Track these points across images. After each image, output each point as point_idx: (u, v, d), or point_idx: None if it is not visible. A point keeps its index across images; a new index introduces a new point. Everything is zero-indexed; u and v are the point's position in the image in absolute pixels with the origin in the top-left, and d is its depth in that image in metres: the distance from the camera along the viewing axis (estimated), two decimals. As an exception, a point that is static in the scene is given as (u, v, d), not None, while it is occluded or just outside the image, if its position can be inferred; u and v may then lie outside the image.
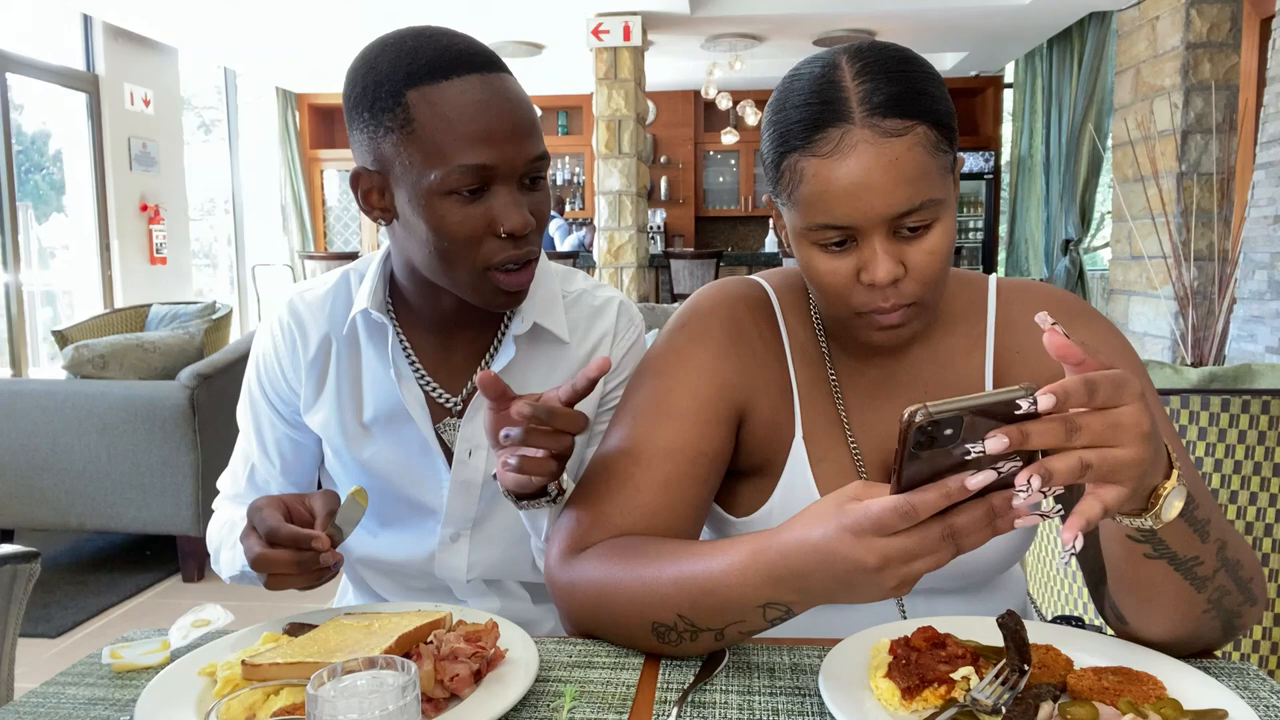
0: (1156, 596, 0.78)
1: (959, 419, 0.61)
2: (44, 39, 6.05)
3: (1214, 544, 0.76)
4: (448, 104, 0.91)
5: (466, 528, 1.11)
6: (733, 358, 0.98)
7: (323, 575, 0.86)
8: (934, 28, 6.89)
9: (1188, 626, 0.80)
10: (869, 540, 0.66)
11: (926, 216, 0.83)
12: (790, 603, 0.75)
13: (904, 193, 0.81)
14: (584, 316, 1.12)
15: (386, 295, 1.09)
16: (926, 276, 0.85)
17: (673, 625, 0.81)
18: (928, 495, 0.64)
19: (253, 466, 1.16)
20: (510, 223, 0.93)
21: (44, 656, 2.67)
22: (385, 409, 1.08)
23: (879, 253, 0.83)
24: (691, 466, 0.94)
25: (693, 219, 9.86)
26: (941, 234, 0.85)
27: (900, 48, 0.87)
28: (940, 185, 0.84)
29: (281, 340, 1.11)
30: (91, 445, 3.20)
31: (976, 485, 0.63)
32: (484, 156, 0.91)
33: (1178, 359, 3.85)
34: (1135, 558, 0.75)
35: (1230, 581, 0.78)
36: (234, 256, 8.37)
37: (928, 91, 0.84)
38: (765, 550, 0.74)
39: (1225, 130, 4.94)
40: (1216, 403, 1.64)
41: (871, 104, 0.81)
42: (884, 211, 0.82)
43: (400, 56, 0.93)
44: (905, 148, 0.81)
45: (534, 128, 0.96)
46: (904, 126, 0.81)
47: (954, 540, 0.65)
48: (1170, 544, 0.73)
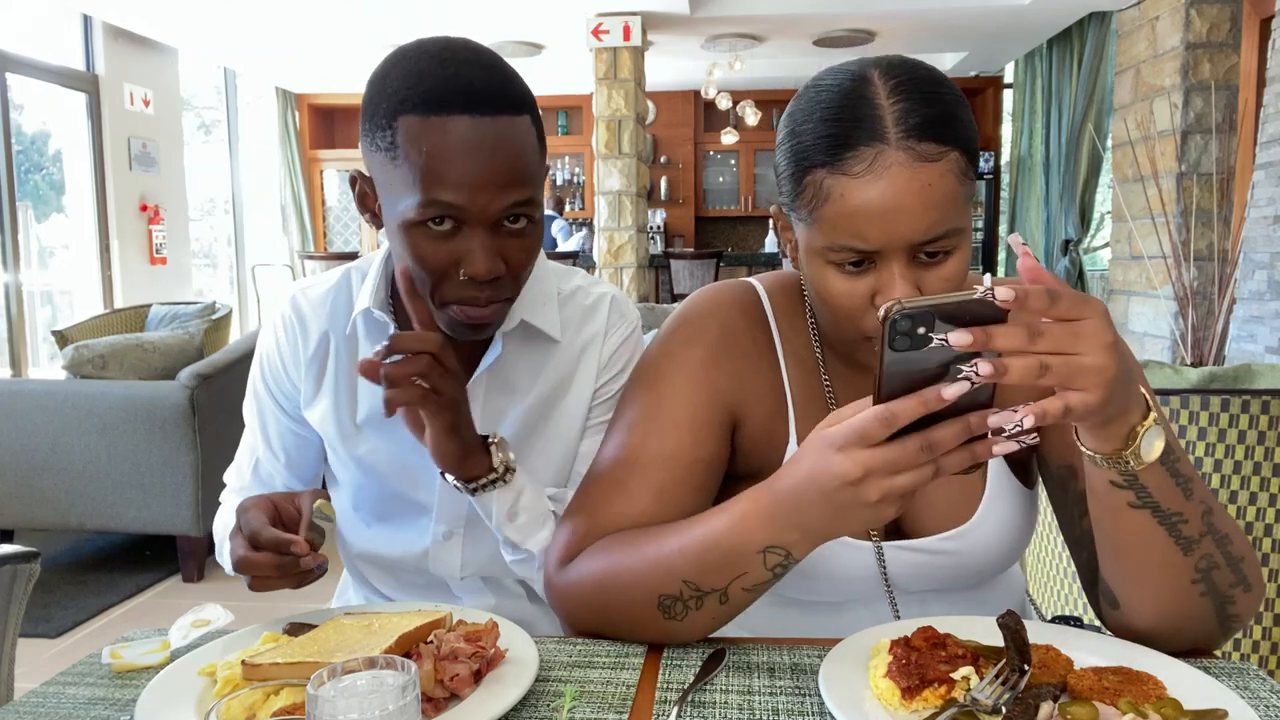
0: (1144, 560, 0.79)
1: (930, 315, 0.64)
2: (44, 39, 6.05)
3: (1198, 505, 0.77)
4: (428, 140, 0.89)
5: (459, 525, 1.11)
6: (726, 364, 0.98)
7: (306, 577, 0.87)
8: (934, 28, 6.89)
9: (1178, 601, 0.80)
10: (852, 451, 0.68)
11: (948, 244, 0.82)
12: (789, 544, 0.76)
13: (933, 219, 0.79)
14: (576, 314, 1.12)
15: (388, 295, 1.09)
16: None
17: (678, 594, 0.82)
18: (906, 402, 0.66)
19: (257, 460, 1.17)
20: (473, 267, 0.92)
21: (44, 656, 2.67)
22: (381, 407, 1.08)
23: (897, 278, 0.81)
24: (686, 473, 0.94)
25: (693, 219, 9.86)
26: (959, 262, 0.84)
27: (929, 67, 0.84)
28: (964, 214, 0.83)
29: (284, 335, 1.12)
30: (91, 445, 3.20)
31: (952, 395, 0.65)
32: (452, 198, 0.90)
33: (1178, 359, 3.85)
34: (1120, 510, 0.76)
35: (1218, 553, 0.79)
36: (234, 257, 8.37)
37: (961, 117, 0.82)
38: (761, 494, 0.77)
39: (1225, 130, 4.94)
40: (1216, 403, 1.64)
41: (907, 125, 0.79)
42: (910, 237, 0.80)
43: (406, 77, 0.91)
44: (939, 173, 0.79)
45: (519, 176, 0.92)
46: (939, 151, 0.79)
47: (933, 454, 0.67)
48: (1153, 492, 0.74)
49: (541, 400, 1.10)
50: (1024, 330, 0.64)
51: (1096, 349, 0.65)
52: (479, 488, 0.98)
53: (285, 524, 0.88)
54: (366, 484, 1.12)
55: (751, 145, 9.49)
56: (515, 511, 1.00)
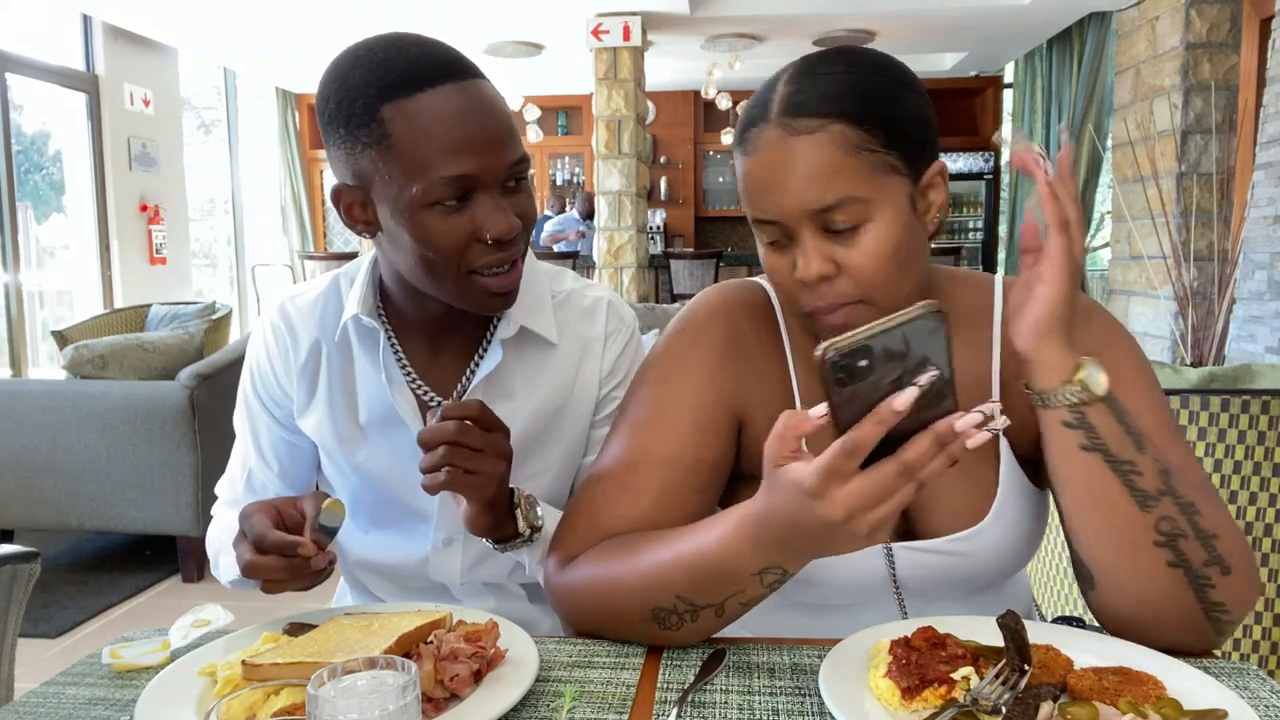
0: (1100, 511, 0.80)
1: (867, 348, 0.63)
2: (44, 39, 6.05)
3: (1153, 461, 0.79)
4: (424, 116, 0.89)
5: (459, 533, 1.11)
6: (731, 364, 0.97)
7: (316, 577, 0.87)
8: (934, 28, 6.89)
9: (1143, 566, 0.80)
10: (830, 495, 0.67)
11: (851, 215, 0.83)
12: (783, 564, 0.76)
13: (813, 189, 0.82)
14: (572, 318, 1.12)
15: (377, 300, 1.08)
16: (864, 278, 0.85)
17: (672, 608, 0.82)
18: (864, 428, 0.64)
19: (250, 471, 1.16)
20: (496, 229, 0.93)
21: (44, 656, 2.67)
22: (378, 413, 1.08)
23: (807, 250, 0.85)
24: (690, 475, 0.93)
25: (692, 219, 9.86)
26: (874, 235, 0.84)
27: (865, 52, 0.88)
28: (865, 184, 0.83)
29: (274, 344, 1.12)
30: (91, 445, 3.20)
31: (904, 404, 0.63)
32: (465, 166, 0.90)
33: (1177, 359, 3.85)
34: (1073, 454, 0.79)
35: (1183, 520, 0.78)
36: (234, 257, 8.37)
37: (857, 92, 0.83)
38: (747, 519, 0.76)
39: (1225, 130, 4.94)
40: (1216, 403, 1.64)
41: (788, 104, 0.84)
42: (792, 206, 0.84)
43: (372, 69, 0.91)
44: (813, 144, 0.82)
45: (513, 132, 0.94)
46: (815, 124, 0.82)
47: (910, 476, 0.66)
48: (1102, 434, 0.78)
49: (542, 407, 1.09)
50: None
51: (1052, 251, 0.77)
52: (508, 548, 1.00)
53: (288, 528, 0.88)
54: (364, 491, 1.11)
55: (751, 145, 9.48)
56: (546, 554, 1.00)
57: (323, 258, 7.23)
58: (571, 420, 1.11)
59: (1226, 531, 0.81)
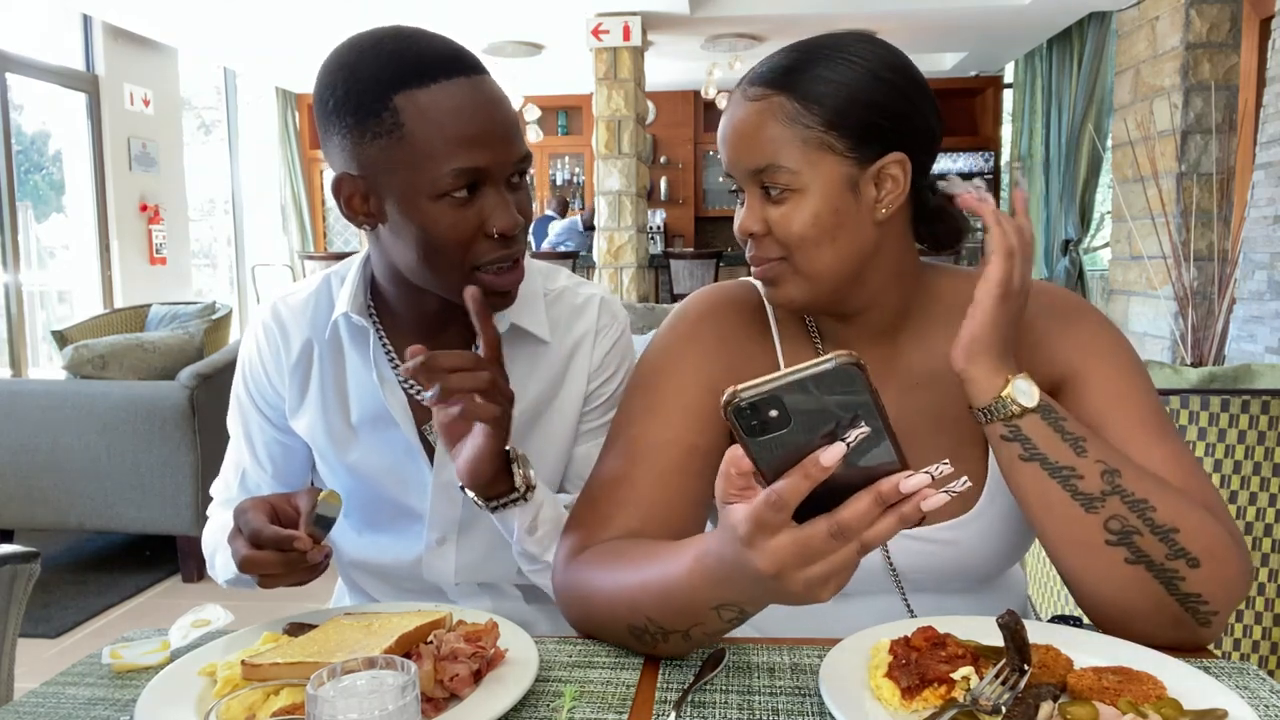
0: (1047, 518, 0.83)
1: (775, 398, 0.58)
2: (44, 39, 6.05)
3: (1094, 464, 0.81)
4: (438, 108, 0.90)
5: (452, 532, 1.10)
6: (721, 359, 0.99)
7: (313, 571, 0.87)
8: (934, 28, 6.89)
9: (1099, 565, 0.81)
10: (759, 545, 0.63)
11: (779, 181, 0.89)
12: (739, 603, 0.74)
13: (745, 150, 0.90)
14: (565, 315, 1.12)
15: (368, 298, 1.08)
16: (782, 238, 0.90)
17: (644, 628, 0.82)
18: (791, 480, 0.60)
19: (244, 472, 1.16)
20: (501, 223, 0.93)
21: (44, 656, 2.67)
22: (370, 412, 1.08)
23: (746, 205, 0.93)
24: (685, 460, 0.94)
25: (692, 219, 9.86)
26: (797, 204, 0.89)
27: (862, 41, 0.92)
28: (797, 158, 0.88)
29: (265, 344, 1.11)
30: (91, 445, 3.20)
31: (829, 460, 0.59)
32: (477, 159, 0.91)
33: (1177, 359, 3.85)
34: (1014, 465, 0.83)
35: (1134, 518, 0.80)
36: (234, 257, 8.37)
37: (808, 72, 0.89)
38: (706, 554, 0.73)
39: (1225, 130, 4.94)
40: (1216, 403, 1.64)
41: (752, 74, 0.93)
42: (733, 160, 0.92)
43: (381, 59, 0.91)
44: (755, 111, 0.90)
45: (518, 128, 0.96)
46: (761, 94, 0.90)
47: (846, 537, 0.61)
48: (1038, 444, 0.81)
49: (533, 403, 1.09)
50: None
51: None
52: (500, 505, 0.97)
53: (284, 524, 0.88)
54: (357, 491, 1.11)
55: (751, 145, 9.48)
56: (535, 525, 0.99)
57: (323, 258, 7.23)
58: (561, 416, 1.11)
59: (1190, 525, 0.80)
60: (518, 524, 0.99)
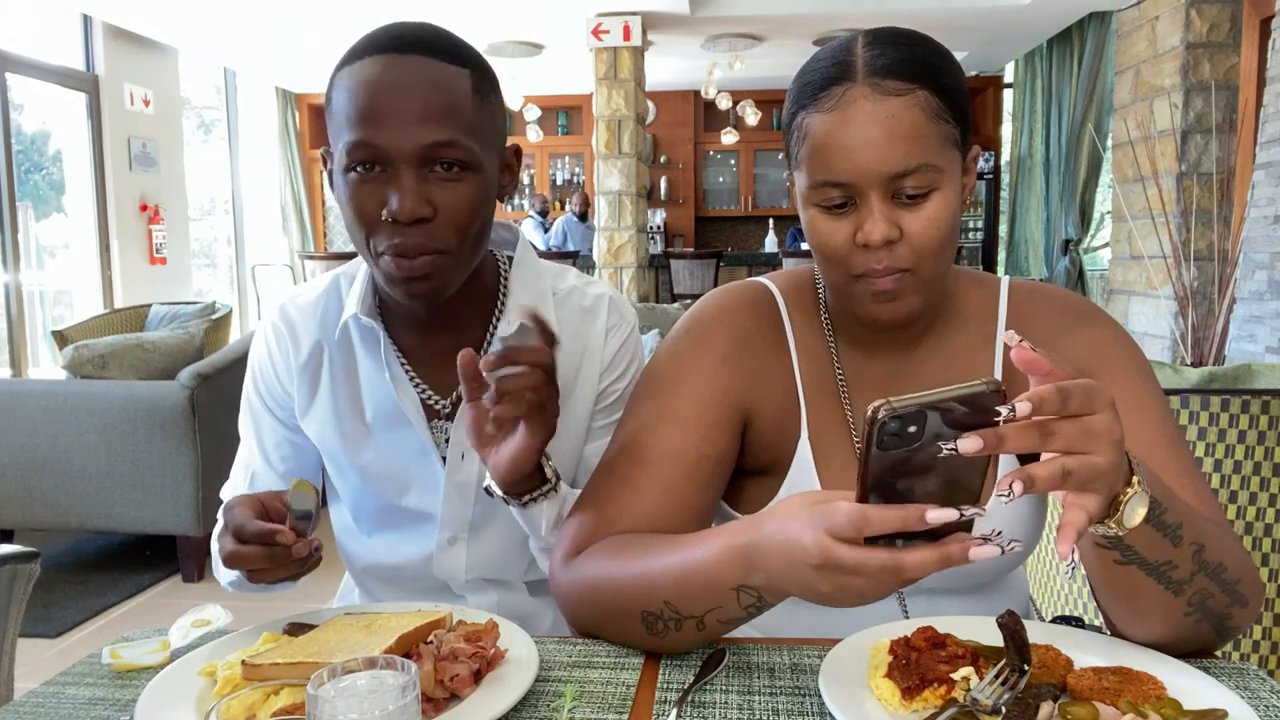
0: (1136, 600, 0.78)
1: (922, 414, 0.60)
2: (44, 39, 6.04)
3: (1188, 548, 0.75)
4: (349, 82, 0.93)
5: (464, 531, 1.11)
6: (736, 364, 0.98)
7: (302, 565, 0.87)
8: (934, 28, 6.85)
9: (1173, 629, 0.80)
10: (822, 537, 0.66)
11: (924, 182, 0.84)
12: (759, 588, 0.75)
13: (899, 151, 0.83)
14: (574, 314, 1.12)
15: (376, 299, 1.08)
16: (922, 244, 0.85)
17: (659, 614, 0.82)
18: (886, 514, 0.64)
19: (254, 474, 1.15)
20: (393, 206, 0.91)
21: (44, 656, 2.67)
22: (383, 412, 1.08)
23: (875, 213, 0.84)
24: (694, 469, 0.94)
25: (692, 219, 9.86)
26: (941, 204, 0.85)
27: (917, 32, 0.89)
28: (940, 154, 0.84)
29: (275, 345, 1.11)
30: (91, 445, 3.20)
31: (935, 520, 0.62)
32: (368, 135, 0.90)
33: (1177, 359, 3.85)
34: (1107, 564, 0.75)
35: (1212, 584, 0.78)
36: (234, 256, 8.37)
37: (932, 63, 0.86)
38: (742, 533, 0.76)
39: (1225, 130, 4.94)
40: (1216, 403, 1.64)
41: (874, 66, 0.84)
42: (878, 168, 0.83)
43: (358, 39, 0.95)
44: (903, 107, 0.83)
45: (437, 114, 0.91)
46: (904, 88, 0.83)
47: (899, 576, 0.65)
48: (1139, 550, 0.73)
49: None
50: (1036, 430, 0.62)
51: (1107, 447, 0.63)
52: (530, 500, 0.97)
53: (272, 519, 0.87)
54: (367, 492, 1.11)
55: (751, 145, 9.49)
56: (560, 517, 0.99)
57: (323, 258, 7.22)
58: (572, 417, 1.11)
59: (1244, 571, 0.81)
60: (545, 518, 0.99)
